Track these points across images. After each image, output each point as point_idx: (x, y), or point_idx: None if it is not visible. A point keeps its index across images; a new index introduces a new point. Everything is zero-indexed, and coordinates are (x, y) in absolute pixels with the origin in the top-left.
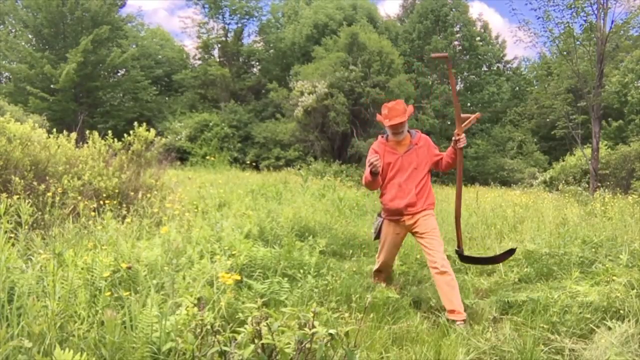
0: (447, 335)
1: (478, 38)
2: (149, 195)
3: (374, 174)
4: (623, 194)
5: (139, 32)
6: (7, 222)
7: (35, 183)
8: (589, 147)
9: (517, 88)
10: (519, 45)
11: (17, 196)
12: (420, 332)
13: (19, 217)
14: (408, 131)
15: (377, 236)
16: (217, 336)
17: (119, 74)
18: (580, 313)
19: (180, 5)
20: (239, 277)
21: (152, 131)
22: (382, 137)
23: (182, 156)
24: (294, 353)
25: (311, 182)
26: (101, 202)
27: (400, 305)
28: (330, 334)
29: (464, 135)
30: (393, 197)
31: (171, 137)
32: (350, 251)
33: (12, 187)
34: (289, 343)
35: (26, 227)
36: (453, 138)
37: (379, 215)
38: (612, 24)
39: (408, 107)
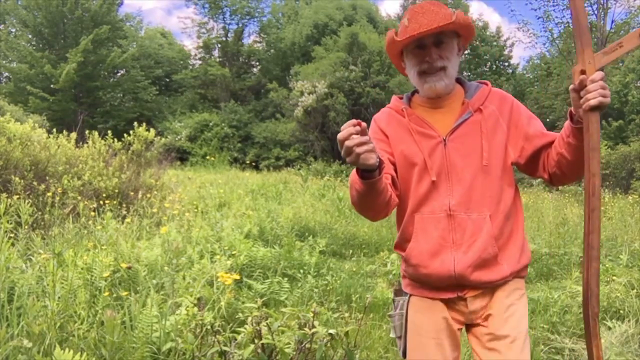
0: None
1: (478, 38)
2: (149, 195)
3: (365, 172)
4: (623, 194)
5: (139, 31)
6: (7, 222)
7: (35, 183)
8: None
9: (517, 88)
10: (518, 45)
11: (17, 196)
12: None
13: (19, 217)
14: (459, 81)
15: (404, 347)
16: (217, 336)
17: (119, 74)
18: (580, 313)
19: (177, 5)
20: (238, 277)
21: (152, 131)
22: (399, 98)
23: (182, 156)
24: (294, 353)
25: (311, 182)
26: (101, 202)
27: None
28: (330, 334)
29: (600, 75)
30: (436, 248)
31: (171, 137)
32: (350, 251)
33: (12, 187)
34: (289, 343)
35: (26, 227)
36: (570, 87)
37: (396, 292)
38: (612, 23)
39: (457, 11)
